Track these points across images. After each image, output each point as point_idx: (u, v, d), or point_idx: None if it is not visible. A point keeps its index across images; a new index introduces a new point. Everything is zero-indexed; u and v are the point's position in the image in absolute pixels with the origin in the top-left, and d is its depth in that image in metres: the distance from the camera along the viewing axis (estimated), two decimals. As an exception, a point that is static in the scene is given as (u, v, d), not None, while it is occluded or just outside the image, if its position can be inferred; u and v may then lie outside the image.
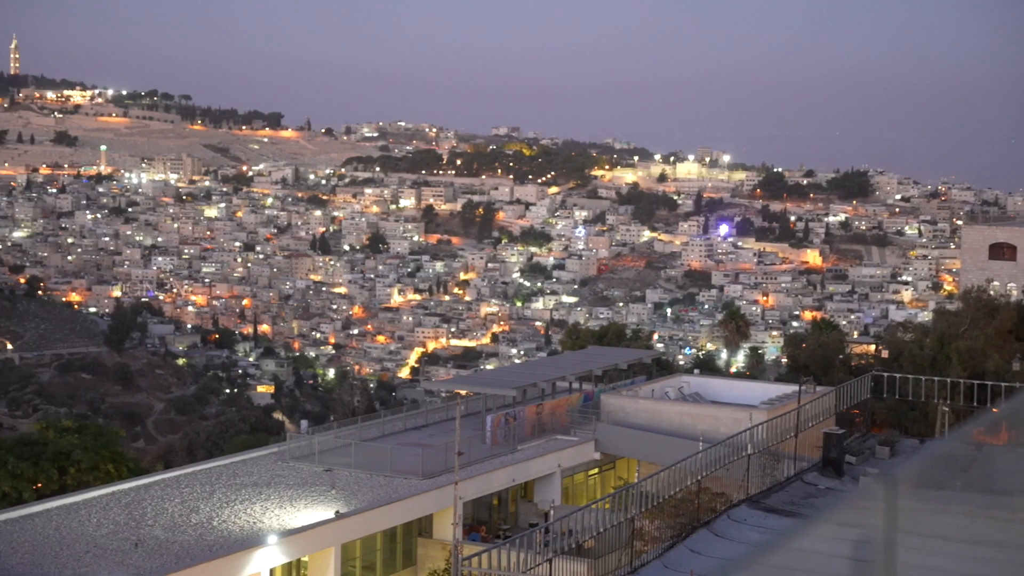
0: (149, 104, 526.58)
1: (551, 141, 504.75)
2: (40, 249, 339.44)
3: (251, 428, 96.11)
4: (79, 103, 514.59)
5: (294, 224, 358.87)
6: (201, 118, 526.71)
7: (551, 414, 54.31)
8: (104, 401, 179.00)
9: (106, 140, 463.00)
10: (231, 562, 34.31)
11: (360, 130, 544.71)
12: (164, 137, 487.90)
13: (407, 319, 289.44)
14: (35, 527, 37.70)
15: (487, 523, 48.09)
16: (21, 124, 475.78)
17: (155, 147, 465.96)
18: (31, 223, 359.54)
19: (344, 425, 53.51)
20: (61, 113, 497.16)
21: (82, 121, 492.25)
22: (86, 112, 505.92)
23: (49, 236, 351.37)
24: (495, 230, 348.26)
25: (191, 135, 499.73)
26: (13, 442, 52.89)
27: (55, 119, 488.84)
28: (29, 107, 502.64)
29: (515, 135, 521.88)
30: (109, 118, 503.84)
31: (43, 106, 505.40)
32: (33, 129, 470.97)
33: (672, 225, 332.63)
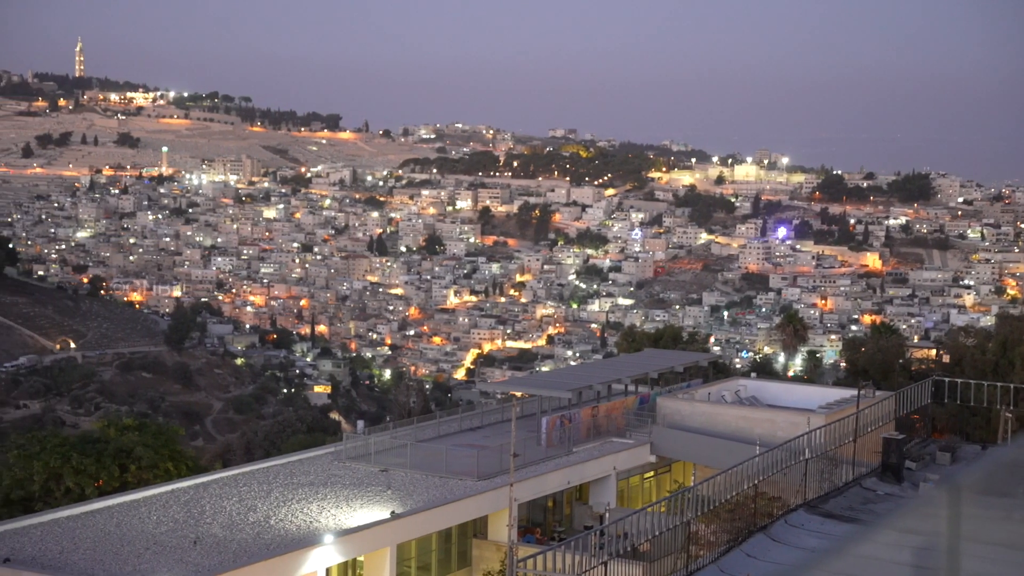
0: (210, 106, 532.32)
1: (608, 143, 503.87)
2: (103, 249, 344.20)
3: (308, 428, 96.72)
4: (141, 105, 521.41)
5: (351, 225, 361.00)
6: (261, 120, 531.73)
7: (607, 416, 54.14)
8: (164, 400, 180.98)
9: (167, 141, 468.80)
10: (288, 561, 34.53)
11: (417, 132, 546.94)
12: (224, 138, 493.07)
13: (463, 320, 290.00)
14: (97, 523, 38.18)
15: (542, 525, 48.02)
16: (85, 126, 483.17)
17: (215, 148, 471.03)
18: (94, 223, 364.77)
19: (400, 426, 53.69)
20: (124, 115, 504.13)
21: (144, 123, 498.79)
22: (148, 114, 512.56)
23: (111, 236, 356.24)
24: (551, 232, 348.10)
25: (251, 137, 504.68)
26: (76, 439, 53.63)
27: (118, 121, 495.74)
28: (93, 109, 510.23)
29: (572, 137, 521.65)
30: (171, 120, 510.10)
31: (107, 108, 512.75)
32: (97, 131, 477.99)
33: (729, 227, 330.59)
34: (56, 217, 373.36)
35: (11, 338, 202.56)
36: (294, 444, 73.76)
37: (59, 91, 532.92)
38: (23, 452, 51.00)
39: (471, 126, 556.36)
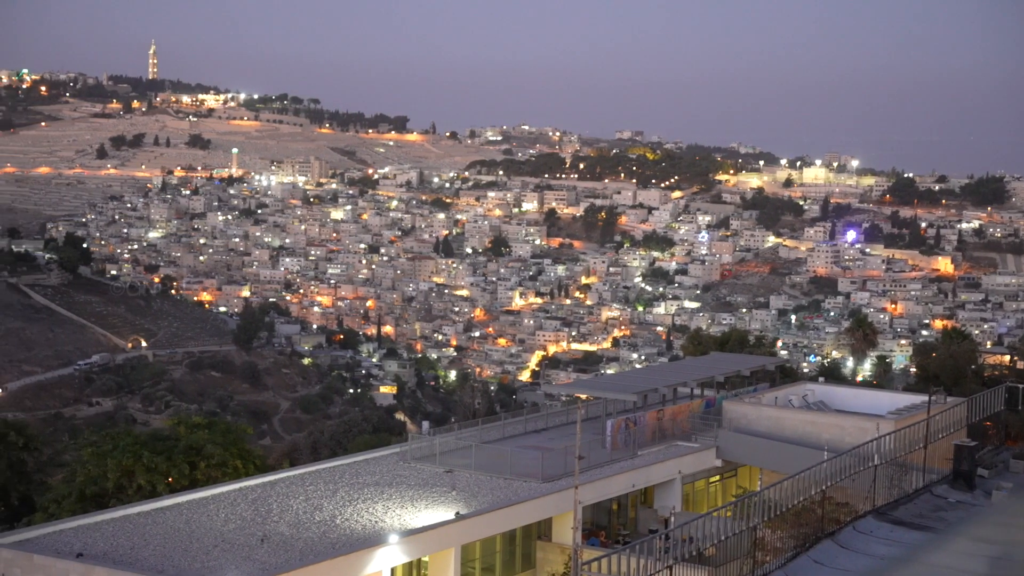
0: (279, 108, 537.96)
1: (675, 145, 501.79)
2: (174, 249, 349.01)
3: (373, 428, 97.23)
4: (213, 107, 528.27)
5: (418, 227, 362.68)
6: (329, 121, 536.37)
7: (672, 420, 53.86)
8: (232, 398, 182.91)
9: (237, 143, 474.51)
10: (353, 560, 34.74)
11: (484, 134, 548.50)
12: (293, 140, 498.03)
13: (528, 322, 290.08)
14: (167, 520, 38.69)
15: (606, 528, 47.86)
16: (158, 127, 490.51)
17: (284, 150, 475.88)
18: (165, 224, 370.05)
19: (465, 427, 53.80)
20: (195, 117, 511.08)
21: (215, 124, 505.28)
22: (219, 116, 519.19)
23: (182, 237, 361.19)
24: (617, 234, 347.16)
25: (319, 138, 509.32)
26: (147, 437, 54.38)
27: (189, 123, 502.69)
28: (165, 111, 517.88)
29: (639, 139, 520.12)
30: (241, 121, 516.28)
31: (178, 110, 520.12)
32: (169, 132, 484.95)
33: (797, 231, 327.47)
34: (129, 217, 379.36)
35: (84, 336, 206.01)
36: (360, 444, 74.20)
37: (133, 93, 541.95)
38: (96, 449, 51.83)
39: (538, 128, 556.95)
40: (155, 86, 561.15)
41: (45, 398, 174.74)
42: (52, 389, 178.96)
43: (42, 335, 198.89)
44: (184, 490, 45.64)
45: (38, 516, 51.20)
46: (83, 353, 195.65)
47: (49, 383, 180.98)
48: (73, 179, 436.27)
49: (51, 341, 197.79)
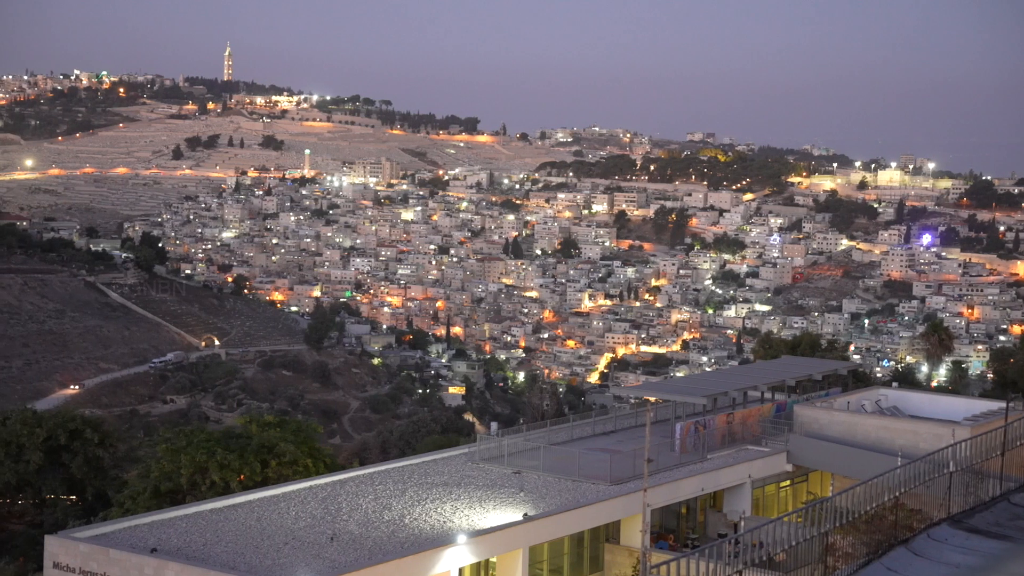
0: (351, 109, 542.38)
1: (747, 147, 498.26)
2: (247, 249, 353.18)
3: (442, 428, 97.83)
4: (286, 108, 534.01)
5: (487, 228, 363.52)
6: (400, 123, 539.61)
7: (742, 424, 53.42)
8: (303, 397, 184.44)
9: (310, 144, 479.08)
10: (422, 560, 34.88)
11: (555, 135, 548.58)
12: (364, 141, 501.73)
13: (597, 324, 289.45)
14: (238, 517, 39.12)
15: (675, 531, 47.60)
16: (232, 128, 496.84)
17: (356, 151, 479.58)
18: (239, 224, 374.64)
19: (533, 428, 53.79)
20: (269, 118, 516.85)
21: (288, 126, 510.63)
22: (292, 117, 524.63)
23: (255, 237, 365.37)
24: (688, 236, 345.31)
25: (390, 139, 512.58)
26: (220, 435, 55.09)
27: (263, 124, 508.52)
28: (240, 112, 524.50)
29: (710, 141, 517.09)
30: (313, 123, 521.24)
31: (252, 111, 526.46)
32: (243, 133, 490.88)
33: (872, 234, 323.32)
34: (203, 217, 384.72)
35: (159, 335, 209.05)
36: (428, 444, 74.56)
37: (208, 95, 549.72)
38: (171, 446, 52.62)
39: (608, 130, 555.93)
40: (230, 88, 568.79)
41: (121, 395, 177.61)
42: (128, 386, 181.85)
43: (118, 333, 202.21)
44: (256, 487, 46.14)
45: (114, 511, 52.08)
46: (158, 351, 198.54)
47: (125, 380, 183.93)
48: (150, 179, 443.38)
49: (127, 339, 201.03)
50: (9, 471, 63.67)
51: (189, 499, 48.37)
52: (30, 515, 65.16)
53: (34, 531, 59.48)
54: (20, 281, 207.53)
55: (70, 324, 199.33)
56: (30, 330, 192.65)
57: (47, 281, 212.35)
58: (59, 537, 36.20)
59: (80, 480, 65.38)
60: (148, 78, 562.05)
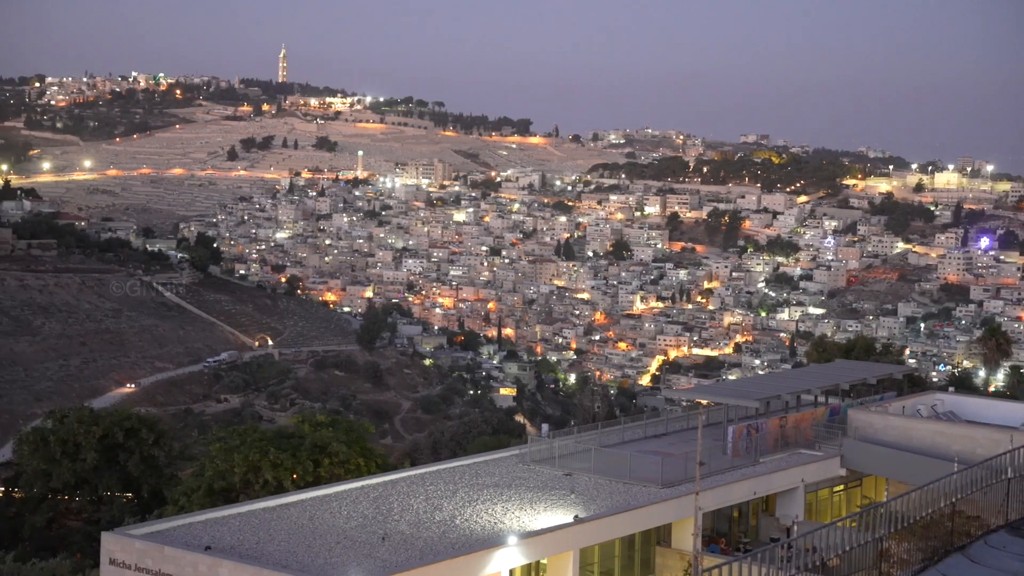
0: (404, 111, 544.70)
1: (801, 149, 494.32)
2: (300, 250, 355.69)
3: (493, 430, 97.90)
4: (339, 110, 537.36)
5: (539, 229, 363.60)
6: (453, 124, 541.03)
7: (795, 427, 53.01)
8: (355, 398, 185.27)
9: (363, 145, 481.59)
10: (473, 560, 34.91)
11: (607, 137, 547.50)
12: (417, 143, 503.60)
13: (649, 326, 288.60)
14: (291, 516, 39.39)
15: (727, 535, 47.31)
16: (286, 130, 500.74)
17: (408, 152, 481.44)
18: (292, 225, 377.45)
19: (584, 430, 53.68)
20: (323, 119, 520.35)
21: (341, 127, 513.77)
22: (345, 118, 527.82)
23: (308, 237, 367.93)
24: (741, 239, 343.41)
25: (443, 141, 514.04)
26: (273, 434, 55.52)
27: (317, 125, 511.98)
28: (294, 113, 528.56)
29: (764, 143, 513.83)
30: (366, 124, 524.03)
31: (306, 113, 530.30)
32: (297, 134, 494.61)
33: (928, 237, 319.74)
34: (257, 218, 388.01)
35: (214, 334, 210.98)
36: (479, 445, 74.69)
37: (263, 96, 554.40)
38: (224, 445, 53.12)
39: (661, 131, 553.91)
40: (284, 89, 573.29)
41: (176, 394, 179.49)
42: (182, 385, 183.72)
43: (173, 332, 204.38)
44: (308, 487, 46.44)
45: (169, 509, 52.66)
46: (212, 350, 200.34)
47: (180, 379, 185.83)
48: (205, 180, 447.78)
49: (182, 338, 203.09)
50: (67, 469, 64.60)
51: (242, 498, 48.78)
52: (87, 512, 66.06)
53: (91, 528, 60.27)
54: (78, 280, 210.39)
55: (126, 323, 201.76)
56: (88, 329, 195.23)
57: (104, 281, 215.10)
58: (115, 534, 36.63)
59: (136, 478, 66.17)
60: (204, 80, 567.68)
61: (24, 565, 51.25)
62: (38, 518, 64.98)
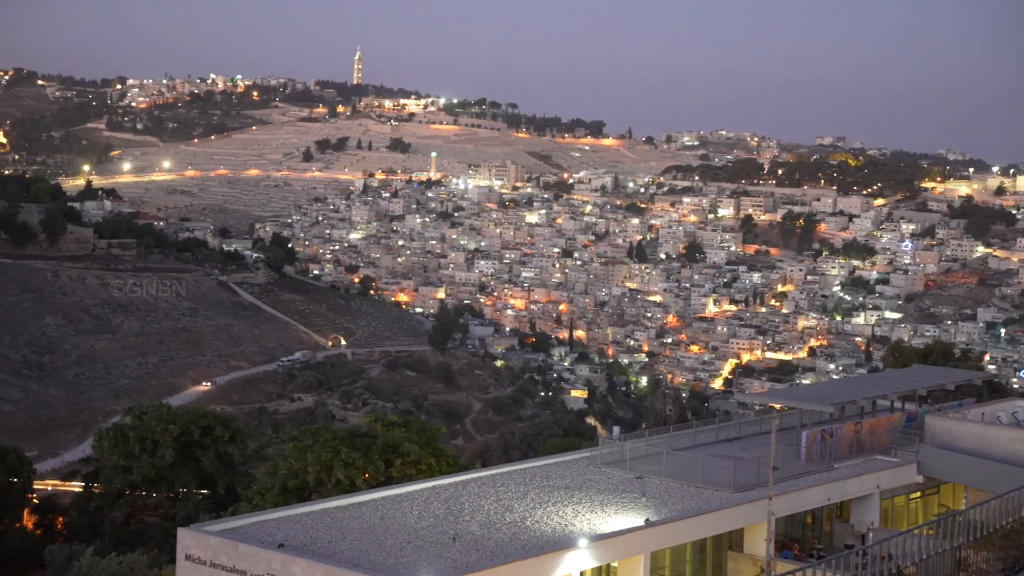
0: (478, 112, 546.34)
1: (879, 151, 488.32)
2: (373, 250, 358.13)
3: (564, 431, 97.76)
4: (413, 111, 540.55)
5: (612, 231, 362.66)
6: (526, 126, 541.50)
7: (870, 433, 52.26)
8: (427, 398, 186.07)
9: (436, 147, 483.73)
10: (543, 562, 34.84)
11: (681, 138, 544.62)
12: (490, 144, 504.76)
13: (722, 329, 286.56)
14: (363, 515, 39.59)
15: (800, 541, 46.76)
16: (361, 131, 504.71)
17: (481, 154, 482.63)
18: (366, 225, 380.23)
19: (656, 433, 53.38)
20: (397, 121, 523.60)
21: (415, 128, 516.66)
22: (419, 120, 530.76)
23: (382, 238, 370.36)
24: (816, 242, 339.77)
25: (516, 142, 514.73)
26: (345, 433, 55.93)
27: (391, 127, 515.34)
28: (368, 115, 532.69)
29: (840, 145, 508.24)
30: (440, 126, 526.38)
31: (381, 114, 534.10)
32: (371, 136, 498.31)
33: (1009, 241, 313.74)
34: (331, 219, 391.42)
35: (288, 334, 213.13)
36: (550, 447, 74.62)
37: (338, 98, 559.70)
38: (298, 444, 53.64)
39: (735, 133, 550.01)
40: (359, 91, 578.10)
41: (250, 392, 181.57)
42: (257, 384, 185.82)
43: (248, 331, 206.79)
44: (380, 486, 46.66)
45: (243, 506, 53.26)
46: (286, 350, 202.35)
47: (254, 378, 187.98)
48: (280, 181, 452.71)
49: (257, 337, 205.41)
50: (145, 465, 65.67)
51: (315, 496, 49.18)
52: (164, 508, 67.09)
53: (167, 524, 61.22)
54: (156, 280, 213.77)
55: (203, 322, 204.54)
56: (165, 327, 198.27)
57: (182, 280, 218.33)
58: (191, 530, 37.10)
59: (211, 475, 67.06)
60: (281, 82, 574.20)
61: (103, 559, 52.14)
62: (117, 513, 66.10)
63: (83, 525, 67.48)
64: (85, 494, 73.19)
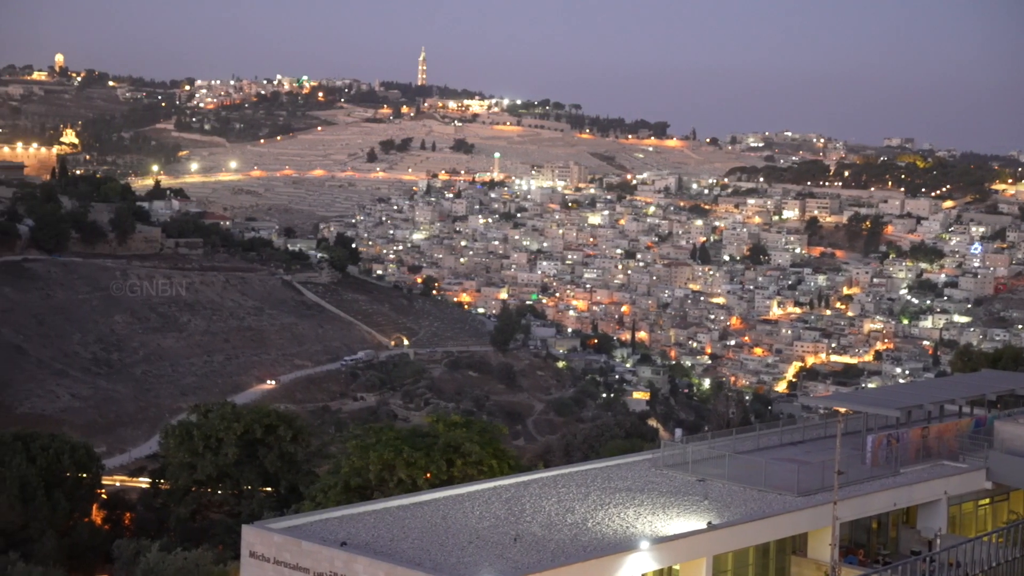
0: (541, 113, 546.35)
1: (948, 153, 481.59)
2: (436, 251, 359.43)
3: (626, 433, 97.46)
4: (477, 112, 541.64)
5: (675, 233, 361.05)
6: (589, 127, 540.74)
7: (938, 438, 51.50)
8: (488, 398, 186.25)
9: (499, 148, 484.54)
10: (604, 564, 34.73)
11: (745, 140, 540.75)
12: (553, 145, 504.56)
13: (786, 332, 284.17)
14: (424, 514, 39.72)
15: (865, 547, 46.21)
16: (424, 132, 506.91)
17: (545, 155, 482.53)
18: (429, 226, 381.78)
19: (718, 436, 53.04)
20: (460, 122, 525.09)
21: (478, 129, 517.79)
22: (483, 121, 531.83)
23: (444, 239, 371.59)
24: (882, 244, 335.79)
25: (579, 143, 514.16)
26: (407, 433, 56.18)
27: (454, 127, 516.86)
28: (432, 116, 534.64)
29: (908, 146, 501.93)
30: (503, 126, 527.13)
31: (444, 115, 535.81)
32: (435, 137, 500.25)
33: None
34: (395, 219, 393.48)
35: (351, 333, 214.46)
36: (612, 448, 74.40)
37: (402, 99, 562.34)
38: (360, 443, 53.97)
39: (801, 134, 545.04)
40: (423, 92, 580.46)
41: (314, 391, 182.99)
42: (320, 383, 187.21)
43: (312, 331, 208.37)
44: (441, 486, 46.78)
45: (306, 504, 53.69)
46: (349, 349, 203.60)
47: (318, 377, 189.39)
48: (344, 181, 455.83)
49: (320, 337, 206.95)
50: (210, 462, 66.42)
51: (377, 495, 49.44)
52: (229, 505, 67.78)
53: (231, 521, 61.84)
54: (222, 279, 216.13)
55: (267, 321, 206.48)
56: (231, 326, 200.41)
57: (247, 279, 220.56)
58: (255, 527, 37.43)
59: (274, 473, 67.65)
60: (346, 82, 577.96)
61: (169, 555, 52.80)
62: (183, 509, 66.92)
63: (150, 521, 68.42)
64: (152, 490, 74.20)
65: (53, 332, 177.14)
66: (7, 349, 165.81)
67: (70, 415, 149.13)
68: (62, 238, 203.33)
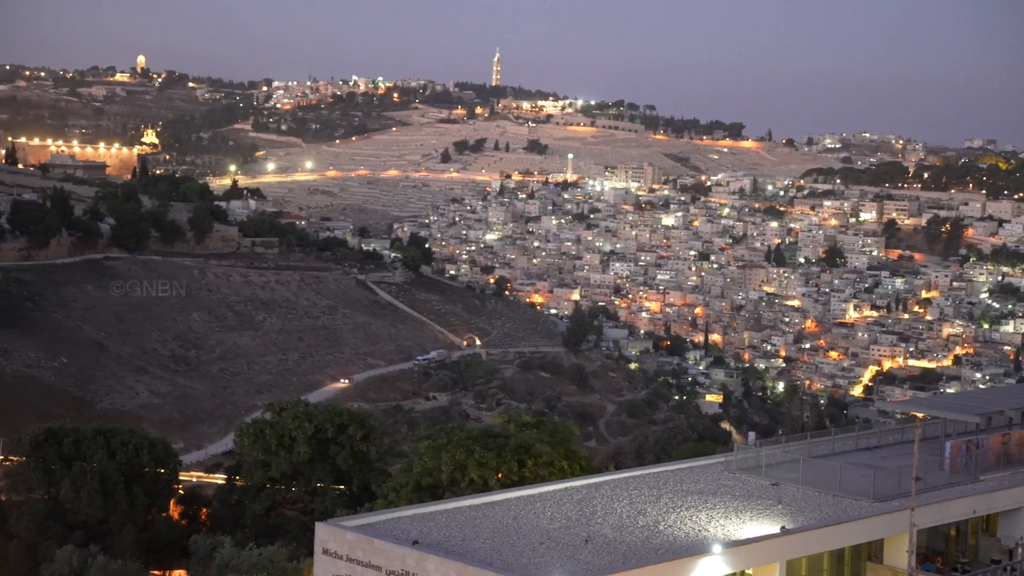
0: (615, 114, 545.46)
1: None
2: (509, 251, 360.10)
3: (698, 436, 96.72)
4: (551, 113, 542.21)
5: (750, 235, 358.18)
6: (664, 128, 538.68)
7: (1019, 445, 50.54)
8: (560, 399, 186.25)
9: (573, 148, 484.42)
10: (676, 567, 34.53)
11: (822, 141, 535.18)
12: (627, 146, 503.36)
13: (862, 336, 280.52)
14: (496, 515, 39.77)
15: (943, 554, 45.49)
16: (498, 133, 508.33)
17: (618, 155, 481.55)
18: (502, 226, 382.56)
19: (792, 440, 52.50)
20: (534, 122, 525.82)
21: (552, 130, 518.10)
22: (556, 122, 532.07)
23: (517, 239, 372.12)
24: (962, 247, 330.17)
25: (653, 144, 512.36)
26: (479, 433, 56.28)
27: (528, 128, 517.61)
28: (506, 116, 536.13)
29: (991, 148, 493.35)
30: (577, 127, 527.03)
31: (518, 116, 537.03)
32: (509, 137, 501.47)
33: None
34: (468, 219, 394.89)
35: (424, 333, 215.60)
36: (684, 451, 73.93)
37: (476, 100, 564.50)
38: (432, 443, 54.14)
39: (879, 136, 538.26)
40: (497, 92, 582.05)
41: (387, 390, 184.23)
42: (393, 382, 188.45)
43: (385, 330, 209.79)
44: (513, 486, 46.81)
45: (378, 503, 54.01)
46: (422, 349, 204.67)
47: (391, 376, 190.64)
48: (418, 182, 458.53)
49: (393, 336, 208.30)
50: (283, 460, 67.06)
51: (448, 495, 49.59)
52: (302, 503, 68.42)
53: (305, 518, 62.40)
54: (297, 278, 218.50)
55: (341, 320, 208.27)
56: (305, 325, 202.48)
57: (322, 278, 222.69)
58: (329, 525, 37.73)
59: (346, 472, 68.15)
60: (420, 83, 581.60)
61: (244, 550, 53.44)
62: (257, 506, 67.63)
63: (225, 517, 69.22)
64: (227, 486, 75.02)
65: (133, 329, 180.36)
66: (89, 346, 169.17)
67: (149, 411, 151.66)
68: (142, 237, 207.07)
